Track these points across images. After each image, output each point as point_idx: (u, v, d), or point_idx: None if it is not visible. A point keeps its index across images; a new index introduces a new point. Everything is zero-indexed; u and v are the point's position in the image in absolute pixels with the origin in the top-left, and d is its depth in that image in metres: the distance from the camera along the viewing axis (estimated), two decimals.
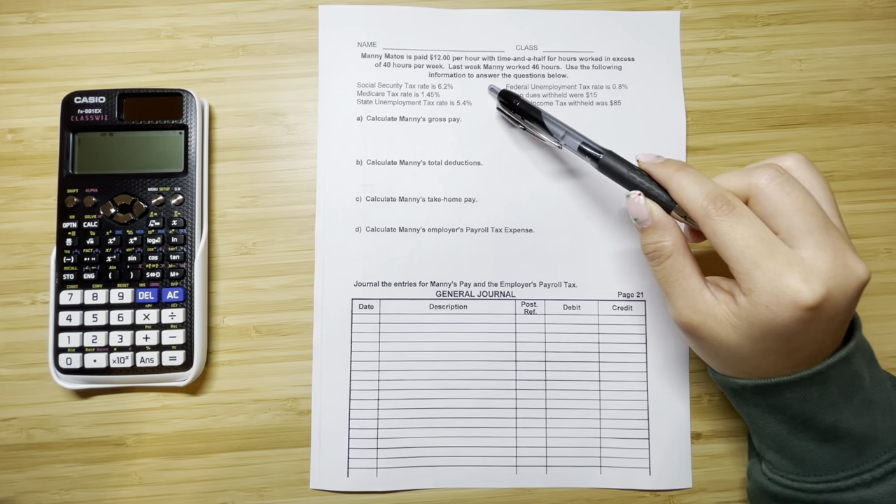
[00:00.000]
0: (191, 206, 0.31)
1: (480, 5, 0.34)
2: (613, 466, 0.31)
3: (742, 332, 0.23)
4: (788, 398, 0.24)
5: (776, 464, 0.27)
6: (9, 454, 0.31)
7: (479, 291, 0.32)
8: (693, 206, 0.24)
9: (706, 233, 0.24)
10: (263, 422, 0.32)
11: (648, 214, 0.26)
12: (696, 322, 0.24)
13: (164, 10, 0.34)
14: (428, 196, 0.33)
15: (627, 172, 0.27)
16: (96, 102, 0.32)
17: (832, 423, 0.24)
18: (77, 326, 0.31)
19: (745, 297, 0.23)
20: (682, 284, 0.25)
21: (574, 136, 0.29)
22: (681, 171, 0.25)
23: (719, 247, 0.23)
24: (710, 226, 0.23)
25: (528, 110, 0.31)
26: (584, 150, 0.28)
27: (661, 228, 0.25)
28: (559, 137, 0.29)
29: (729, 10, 0.34)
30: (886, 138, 0.34)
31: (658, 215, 0.25)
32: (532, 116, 0.30)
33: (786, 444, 0.26)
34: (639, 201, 0.26)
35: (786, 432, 0.26)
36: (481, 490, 0.31)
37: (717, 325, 0.24)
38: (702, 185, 0.24)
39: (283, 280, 0.33)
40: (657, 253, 0.26)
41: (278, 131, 0.34)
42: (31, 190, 0.33)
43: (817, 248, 0.22)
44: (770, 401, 0.25)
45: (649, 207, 0.26)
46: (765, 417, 0.26)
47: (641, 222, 0.26)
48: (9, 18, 0.34)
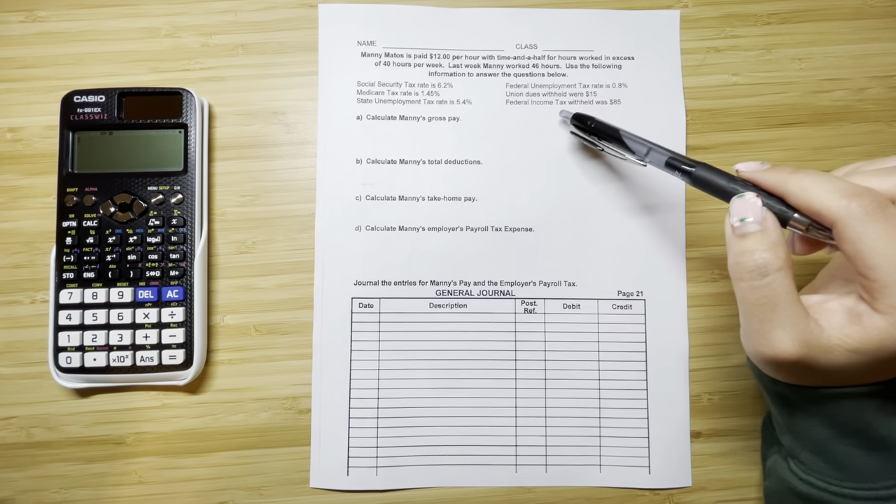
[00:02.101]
0: (190, 204, 0.31)
1: (480, 4, 0.34)
2: (613, 465, 0.32)
3: (863, 354, 0.20)
4: (846, 406, 0.23)
5: (812, 466, 0.25)
6: (9, 453, 0.31)
7: (479, 290, 0.32)
8: (829, 205, 0.20)
9: (846, 237, 0.20)
10: (263, 421, 0.32)
11: (762, 216, 0.22)
12: (799, 355, 0.21)
13: (164, 8, 0.34)
14: (428, 195, 0.33)
15: (728, 184, 0.24)
16: (96, 101, 0.32)
17: (886, 434, 0.22)
18: (77, 325, 0.31)
19: (883, 316, 0.20)
20: (786, 310, 0.21)
21: (659, 151, 0.27)
22: (799, 172, 0.22)
23: (861, 254, 0.20)
24: (855, 229, 0.20)
25: (606, 130, 0.29)
26: (673, 164, 0.26)
27: (772, 235, 0.22)
28: (643, 155, 0.28)
29: (729, 9, 0.34)
30: (886, 137, 0.34)
31: (771, 221, 0.22)
32: (610, 136, 0.29)
33: (829, 448, 0.24)
34: (754, 201, 0.22)
35: (831, 437, 0.24)
36: (481, 489, 0.31)
37: (823, 357, 0.21)
38: (833, 183, 0.21)
39: (282, 279, 0.33)
40: (762, 265, 0.21)
41: (278, 130, 0.34)
42: (31, 189, 0.33)
43: None
44: (824, 407, 0.23)
45: (764, 211, 0.22)
46: (809, 420, 0.24)
47: (749, 224, 0.22)
48: (8, 17, 0.34)
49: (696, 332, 0.33)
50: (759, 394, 0.32)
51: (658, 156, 0.27)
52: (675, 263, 0.33)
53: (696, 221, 0.33)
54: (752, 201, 0.22)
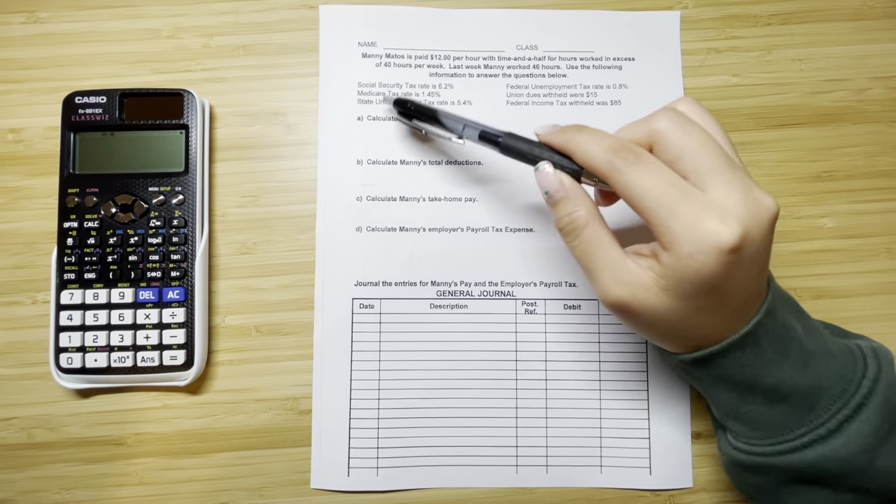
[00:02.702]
0: (191, 205, 0.31)
1: (481, 5, 0.34)
2: (614, 466, 0.31)
3: (672, 291, 0.22)
4: (727, 366, 0.24)
5: (737, 431, 0.26)
6: (9, 454, 0.31)
7: (480, 291, 0.32)
8: (598, 162, 0.23)
9: (617, 189, 0.23)
10: (264, 421, 0.32)
11: (559, 184, 0.24)
12: (626, 296, 0.23)
13: (165, 9, 0.34)
14: (428, 196, 0.33)
15: (529, 149, 0.26)
16: (97, 102, 0.32)
17: (775, 383, 0.24)
18: (78, 326, 0.31)
19: (668, 252, 0.22)
20: (602, 257, 0.23)
21: (472, 126, 0.28)
22: (579, 131, 0.24)
23: (633, 199, 0.22)
24: (620, 180, 0.22)
25: (424, 111, 0.30)
26: (485, 136, 0.27)
27: (572, 198, 0.24)
28: (459, 131, 0.29)
29: (729, 10, 0.34)
30: (886, 138, 0.34)
31: (568, 184, 0.24)
32: (429, 117, 0.30)
33: (739, 410, 0.25)
34: (547, 171, 0.25)
35: (735, 399, 0.25)
36: (482, 490, 0.31)
37: (647, 295, 0.23)
38: (603, 140, 0.23)
39: (283, 280, 0.33)
40: (573, 225, 0.24)
41: (279, 131, 0.34)
42: (32, 190, 0.33)
43: (727, 186, 0.21)
44: (712, 371, 0.25)
45: (559, 177, 0.24)
46: (713, 388, 0.26)
47: (553, 194, 0.24)
48: (9, 18, 0.34)
49: None
50: None
51: (472, 131, 0.28)
52: None
53: None
54: (546, 171, 0.25)
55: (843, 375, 0.24)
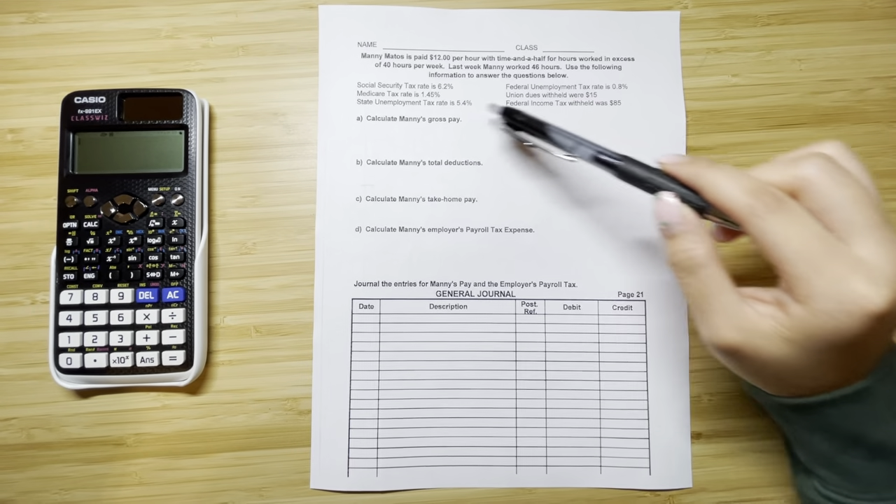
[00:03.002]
0: (191, 205, 0.31)
1: (480, 5, 0.34)
2: (613, 466, 0.31)
3: (797, 344, 0.21)
4: (832, 416, 0.23)
5: (829, 480, 0.25)
6: (9, 454, 0.31)
7: (479, 291, 0.32)
8: (734, 203, 0.21)
9: (752, 234, 0.21)
10: (263, 422, 0.32)
11: (681, 217, 0.23)
12: (739, 341, 0.22)
13: (165, 10, 0.34)
14: (428, 196, 0.33)
15: (650, 177, 0.24)
16: (96, 102, 0.32)
17: (882, 440, 0.23)
18: (77, 326, 0.31)
19: (801, 305, 0.20)
20: (718, 299, 0.22)
21: (586, 145, 0.27)
22: (713, 167, 0.23)
23: (770, 247, 0.21)
24: (758, 225, 0.21)
25: (534, 124, 0.29)
26: (600, 159, 0.26)
27: (693, 233, 0.23)
28: (570, 149, 0.28)
29: (729, 10, 0.34)
30: (886, 138, 0.34)
31: (691, 218, 0.23)
32: (538, 130, 0.29)
33: (835, 461, 0.24)
34: (670, 202, 0.23)
35: (833, 450, 0.24)
36: (481, 490, 0.31)
37: (764, 342, 0.21)
38: (741, 181, 0.22)
39: (283, 280, 0.33)
40: (691, 262, 0.23)
41: (278, 131, 0.34)
42: (31, 190, 0.33)
43: (877, 245, 0.20)
44: (813, 418, 0.24)
45: (682, 210, 0.23)
46: (809, 435, 0.25)
47: (671, 227, 0.23)
48: (9, 18, 0.34)
49: (696, 333, 0.32)
50: None
51: (586, 150, 0.27)
52: None
53: None
54: (669, 202, 0.23)
55: None
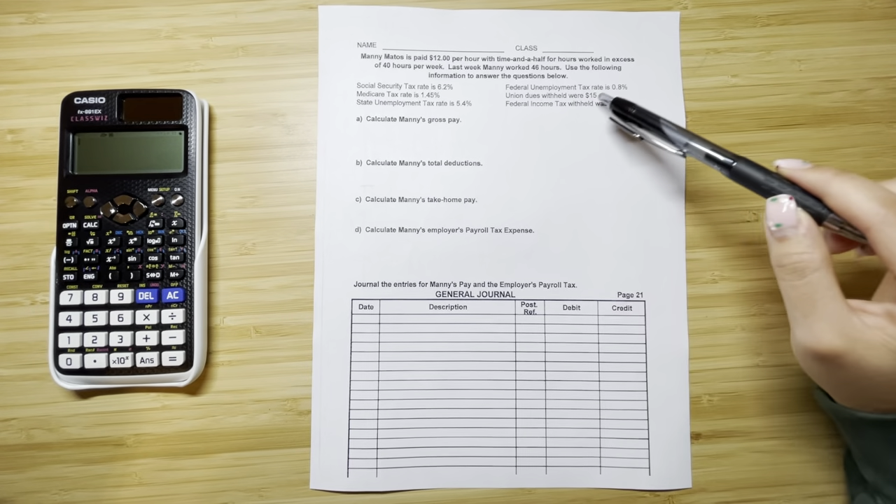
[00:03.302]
0: (191, 206, 0.31)
1: (480, 6, 0.34)
2: (613, 466, 0.31)
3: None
4: None
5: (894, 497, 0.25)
6: (9, 454, 0.31)
7: (479, 291, 0.32)
8: (865, 211, 0.22)
9: (881, 242, 0.21)
10: (263, 422, 0.32)
11: (797, 221, 0.23)
12: (843, 348, 0.22)
13: (164, 10, 0.34)
14: (428, 196, 0.33)
15: (766, 179, 0.25)
16: (96, 103, 0.32)
17: None
18: (77, 327, 0.31)
19: None
20: (826, 305, 0.22)
21: (699, 142, 0.27)
22: (841, 175, 0.23)
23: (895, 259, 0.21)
24: (889, 235, 0.21)
25: (646, 118, 0.29)
26: (713, 157, 0.27)
27: (810, 238, 0.23)
28: (681, 146, 0.28)
29: (728, 10, 0.34)
30: (885, 138, 0.34)
31: (807, 222, 0.23)
32: (650, 124, 0.29)
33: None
34: (788, 205, 0.23)
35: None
36: (481, 490, 0.31)
37: (868, 352, 0.22)
38: (872, 190, 0.22)
39: (282, 280, 0.33)
40: (802, 265, 0.22)
41: (278, 131, 0.34)
42: (31, 190, 0.33)
43: None
44: (893, 436, 0.24)
45: (799, 214, 0.23)
46: (887, 452, 0.24)
47: (785, 229, 0.23)
48: (9, 19, 0.34)
49: (695, 334, 0.32)
50: (759, 395, 0.32)
51: (698, 148, 0.27)
52: (675, 264, 0.33)
53: (697, 223, 0.33)
54: (786, 205, 0.23)
55: None
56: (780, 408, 0.32)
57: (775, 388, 0.32)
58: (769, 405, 0.32)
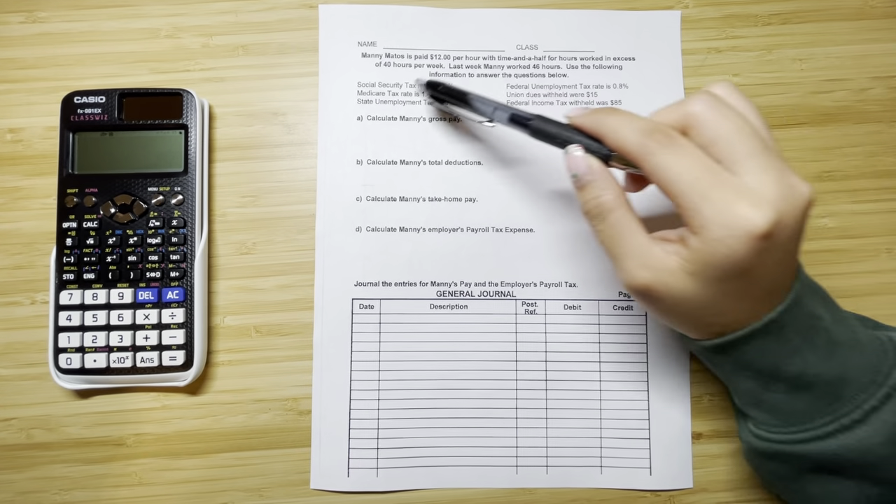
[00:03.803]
0: (191, 205, 0.31)
1: (481, 5, 0.34)
2: (614, 466, 0.31)
3: (699, 276, 0.22)
4: (749, 353, 0.24)
5: (759, 419, 0.26)
6: (8, 454, 0.31)
7: (480, 291, 0.32)
8: (630, 144, 0.23)
9: (647, 171, 0.23)
10: (263, 422, 0.32)
11: (587, 168, 0.24)
12: (649, 280, 0.23)
13: (164, 9, 0.34)
14: (428, 196, 0.33)
15: (559, 132, 0.26)
16: (96, 102, 0.32)
17: (799, 371, 0.24)
18: (77, 326, 0.30)
19: (697, 235, 0.22)
20: (629, 241, 0.23)
21: (503, 109, 0.28)
22: (611, 114, 0.24)
23: (664, 183, 0.22)
24: (652, 162, 0.22)
25: (454, 94, 0.30)
26: (516, 119, 0.27)
27: (600, 181, 0.24)
28: (489, 114, 0.29)
29: (729, 9, 0.34)
30: (887, 138, 0.34)
31: (596, 167, 0.24)
32: (459, 99, 0.30)
33: (761, 398, 0.25)
34: (576, 154, 0.25)
35: (758, 387, 0.25)
36: (481, 490, 0.31)
37: (671, 279, 0.23)
38: (635, 122, 0.23)
39: (283, 280, 0.33)
40: (599, 209, 0.24)
41: (278, 131, 0.34)
42: (31, 190, 0.33)
43: (761, 171, 0.21)
44: (734, 358, 0.25)
45: (587, 160, 0.24)
46: (735, 375, 0.26)
47: (581, 177, 0.24)
48: (8, 18, 0.34)
49: None
50: None
51: (502, 114, 0.28)
52: None
53: None
54: (575, 155, 0.25)
55: (872, 366, 0.24)
56: None
57: None
58: None
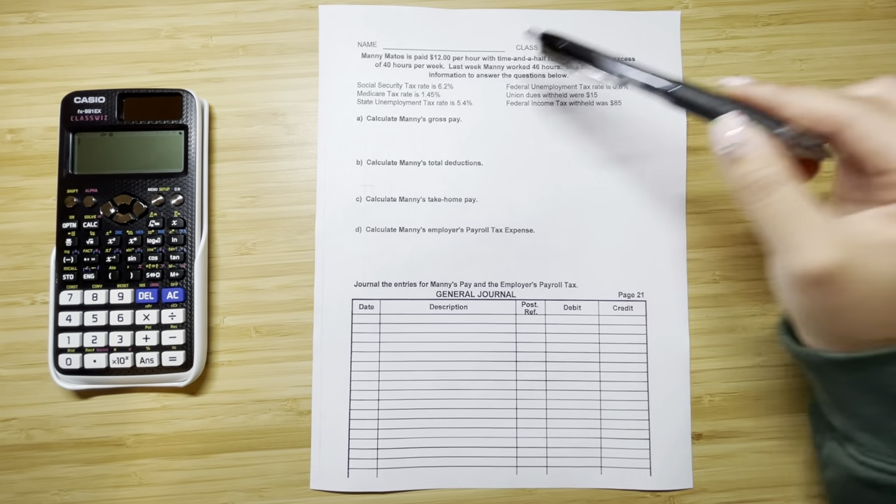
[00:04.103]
0: (191, 206, 0.31)
1: (480, 5, 0.34)
2: (614, 467, 0.31)
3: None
4: (887, 374, 0.21)
5: (870, 447, 0.23)
6: (8, 455, 0.31)
7: (480, 291, 0.32)
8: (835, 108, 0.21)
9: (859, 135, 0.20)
10: (263, 422, 0.32)
11: (746, 138, 0.21)
12: (842, 259, 0.19)
13: (164, 10, 0.34)
14: (428, 196, 0.33)
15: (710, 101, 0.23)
16: (96, 102, 0.32)
17: None
18: (77, 327, 0.30)
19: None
20: (810, 216, 0.20)
21: (635, 72, 0.26)
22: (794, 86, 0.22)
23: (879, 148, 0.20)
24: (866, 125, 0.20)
25: (579, 51, 0.28)
26: (651, 86, 0.25)
27: (766, 153, 0.21)
28: (618, 75, 0.26)
29: (729, 9, 0.34)
30: None
31: (759, 137, 0.21)
32: (582, 57, 0.27)
33: (884, 425, 0.23)
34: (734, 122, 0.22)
35: (883, 414, 0.22)
36: (481, 490, 0.31)
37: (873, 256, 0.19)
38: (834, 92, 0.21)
39: (283, 280, 0.33)
40: (766, 180, 0.21)
41: (278, 131, 0.34)
42: (31, 190, 0.33)
43: None
44: (867, 378, 0.22)
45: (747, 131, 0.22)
46: (859, 397, 0.23)
47: (738, 147, 0.21)
48: (8, 18, 0.34)
49: (697, 334, 0.32)
50: (760, 395, 0.32)
51: (634, 77, 0.26)
52: (676, 264, 0.33)
53: (698, 222, 0.33)
54: (733, 122, 0.22)
55: None
56: (780, 408, 0.32)
57: (776, 388, 0.32)
58: (770, 405, 0.32)
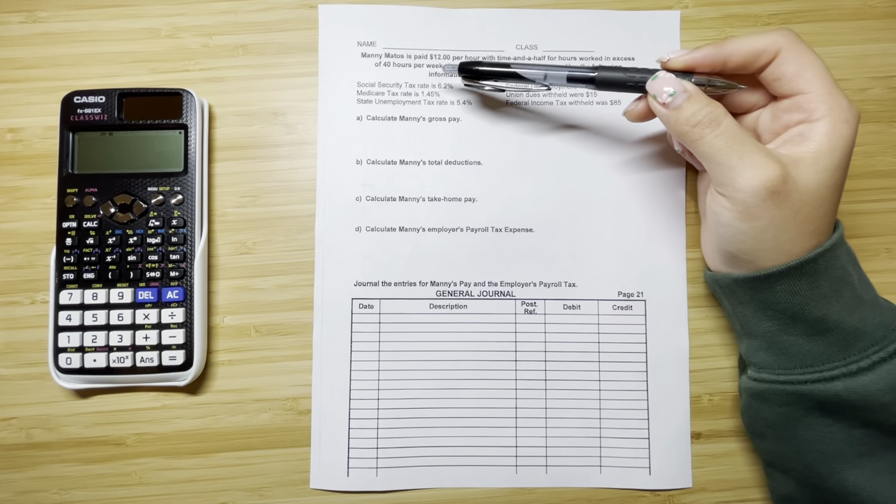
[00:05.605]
0: (191, 205, 0.31)
1: (480, 5, 0.34)
2: (613, 466, 0.31)
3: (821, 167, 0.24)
4: (779, 291, 0.25)
5: (763, 364, 0.27)
6: (8, 454, 0.31)
7: (479, 291, 0.32)
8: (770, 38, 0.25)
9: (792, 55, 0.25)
10: (263, 422, 0.32)
11: (683, 87, 0.25)
12: (782, 173, 0.24)
13: (164, 9, 0.34)
14: (428, 196, 0.33)
15: (628, 75, 0.27)
16: (96, 102, 0.32)
17: (822, 316, 0.25)
18: (77, 326, 0.30)
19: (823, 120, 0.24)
20: (750, 141, 0.24)
21: (556, 70, 0.28)
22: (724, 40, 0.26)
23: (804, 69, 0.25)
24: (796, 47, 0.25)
25: (498, 71, 0.30)
26: (575, 77, 0.28)
27: (703, 95, 0.25)
28: (542, 80, 0.29)
29: (729, 9, 0.34)
30: (886, 138, 0.34)
31: (692, 86, 0.25)
32: (504, 74, 0.30)
33: (776, 339, 0.26)
34: (668, 76, 0.26)
35: (776, 328, 0.26)
36: (481, 490, 0.31)
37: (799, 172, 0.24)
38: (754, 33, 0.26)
39: (282, 280, 0.33)
40: (713, 115, 0.25)
41: (278, 131, 0.34)
42: (31, 189, 0.33)
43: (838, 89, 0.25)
44: (762, 296, 0.26)
45: (682, 81, 0.25)
46: (756, 315, 0.27)
47: (679, 94, 0.25)
48: (8, 18, 0.34)
49: (696, 333, 0.32)
50: None
51: (558, 74, 0.28)
52: (676, 264, 0.33)
53: (697, 222, 0.33)
54: (668, 77, 0.26)
55: (887, 325, 0.25)
56: None
57: None
58: None
